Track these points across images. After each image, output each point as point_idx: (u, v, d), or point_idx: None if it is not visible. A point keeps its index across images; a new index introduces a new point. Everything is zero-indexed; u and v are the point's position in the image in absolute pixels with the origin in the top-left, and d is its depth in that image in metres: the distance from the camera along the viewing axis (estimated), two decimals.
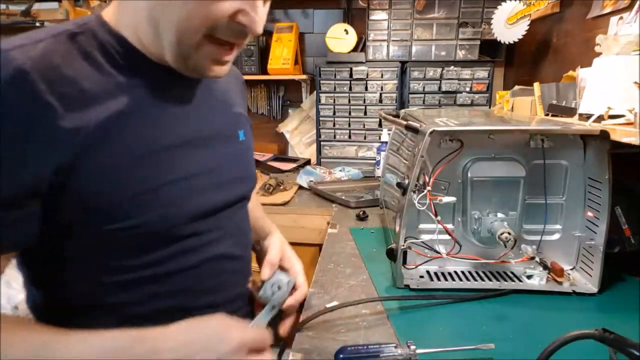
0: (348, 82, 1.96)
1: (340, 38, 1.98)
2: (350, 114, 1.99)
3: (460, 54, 1.94)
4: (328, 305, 0.79)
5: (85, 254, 0.57)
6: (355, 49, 2.00)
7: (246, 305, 0.76)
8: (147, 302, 0.60)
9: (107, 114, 0.52)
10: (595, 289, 0.82)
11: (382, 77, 1.95)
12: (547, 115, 1.21)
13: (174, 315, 0.60)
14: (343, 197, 1.55)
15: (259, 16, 0.53)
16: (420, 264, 0.91)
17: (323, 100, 2.00)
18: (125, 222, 0.55)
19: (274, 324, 0.70)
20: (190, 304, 0.63)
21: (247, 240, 0.76)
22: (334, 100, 1.99)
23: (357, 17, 2.11)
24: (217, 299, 0.67)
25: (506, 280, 0.87)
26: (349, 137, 2.03)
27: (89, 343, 0.50)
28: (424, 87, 1.94)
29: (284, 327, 0.73)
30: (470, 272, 0.91)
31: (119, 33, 0.56)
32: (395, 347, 0.62)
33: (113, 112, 0.53)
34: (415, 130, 0.85)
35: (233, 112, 0.73)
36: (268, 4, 0.57)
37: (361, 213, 1.36)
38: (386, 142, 1.58)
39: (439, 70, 1.91)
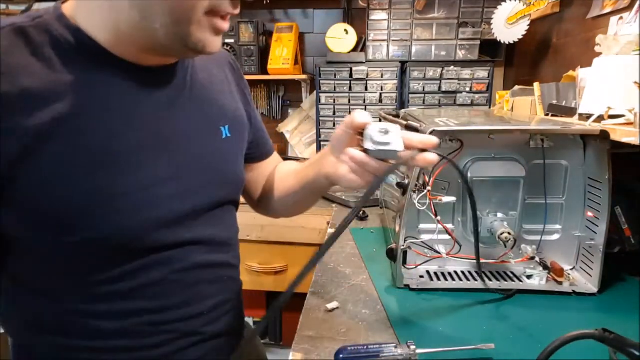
0: (348, 82, 1.96)
1: (340, 38, 1.98)
2: (350, 114, 1.99)
3: (460, 54, 1.94)
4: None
5: (43, 269, 0.54)
6: (355, 49, 2.00)
7: (230, 313, 0.70)
8: (114, 319, 0.56)
9: (52, 115, 0.48)
10: (595, 289, 0.82)
11: (382, 77, 1.95)
12: (547, 115, 1.21)
13: (142, 332, 0.59)
14: (343, 197, 1.55)
15: None
16: (420, 264, 0.91)
17: (323, 100, 2.00)
18: (80, 235, 0.51)
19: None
20: (163, 318, 0.60)
21: (229, 246, 0.70)
22: (334, 100, 1.99)
23: (357, 17, 2.11)
24: (192, 311, 0.63)
25: (506, 280, 0.87)
26: None
27: None
28: (424, 87, 1.94)
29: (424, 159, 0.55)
30: (470, 272, 0.91)
31: (77, 26, 0.51)
32: (395, 347, 0.62)
33: (59, 113, 0.49)
34: (415, 130, 0.85)
35: (215, 107, 0.66)
36: None
37: (361, 213, 1.36)
38: None
39: (439, 70, 1.91)
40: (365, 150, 0.56)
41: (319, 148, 2.06)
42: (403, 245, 0.85)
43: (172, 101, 0.60)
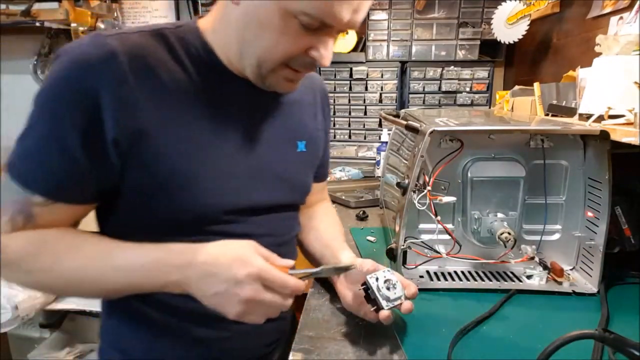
0: (348, 82, 1.96)
1: (340, 38, 1.98)
2: (350, 114, 1.99)
3: (460, 54, 1.94)
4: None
5: (131, 232, 0.62)
6: (355, 49, 2.00)
7: None
8: None
9: (174, 105, 0.60)
10: (595, 289, 0.82)
11: (382, 77, 1.95)
12: (547, 115, 1.21)
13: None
14: (343, 197, 1.55)
15: (328, 52, 0.61)
16: (420, 264, 0.91)
17: None
18: (169, 206, 0.62)
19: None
20: None
21: (277, 244, 0.74)
22: (334, 100, 1.99)
23: None
24: None
25: (506, 280, 0.87)
26: (349, 137, 2.03)
27: (136, 252, 0.59)
28: (424, 87, 1.94)
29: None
30: (470, 272, 0.91)
31: (206, 40, 0.64)
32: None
33: (182, 105, 0.60)
34: (415, 130, 0.85)
35: (295, 122, 0.77)
36: (336, 41, 0.63)
37: (361, 213, 1.36)
38: (386, 142, 1.58)
39: (439, 70, 1.91)
40: (380, 308, 0.65)
41: None
42: (403, 245, 0.85)
43: (265, 111, 0.70)
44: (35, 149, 0.56)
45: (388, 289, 0.64)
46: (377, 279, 0.65)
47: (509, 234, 0.82)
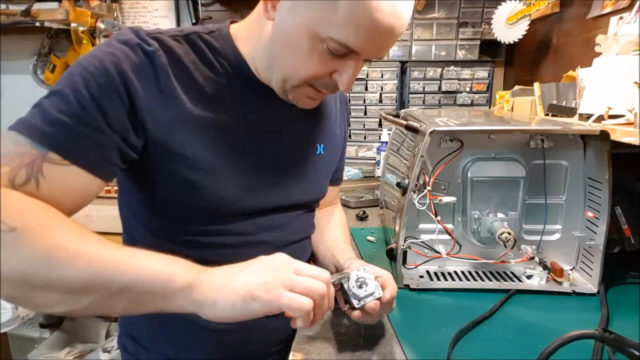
0: None
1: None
2: (350, 113, 1.99)
3: (460, 54, 1.94)
4: None
5: (156, 213, 0.67)
6: None
7: None
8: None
9: (202, 104, 0.63)
10: (595, 289, 0.82)
11: (382, 77, 1.95)
12: (547, 115, 1.21)
13: None
14: (343, 197, 1.55)
15: (350, 77, 0.62)
16: (420, 264, 0.91)
17: None
18: (196, 196, 0.64)
19: None
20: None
21: (291, 242, 0.76)
22: None
23: None
24: None
25: (506, 280, 0.87)
26: (349, 137, 2.03)
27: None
28: (424, 87, 1.94)
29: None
30: (470, 272, 0.91)
31: (236, 46, 0.66)
32: None
33: (210, 104, 0.63)
34: (415, 130, 0.85)
35: (316, 126, 0.78)
36: (361, 66, 0.63)
37: (361, 213, 1.36)
38: (386, 142, 1.58)
39: (439, 70, 1.91)
40: (353, 307, 0.63)
41: None
42: (403, 245, 0.85)
43: (282, 113, 0.71)
44: (65, 106, 0.54)
45: (360, 287, 0.63)
46: (348, 279, 0.64)
47: (509, 234, 0.82)
